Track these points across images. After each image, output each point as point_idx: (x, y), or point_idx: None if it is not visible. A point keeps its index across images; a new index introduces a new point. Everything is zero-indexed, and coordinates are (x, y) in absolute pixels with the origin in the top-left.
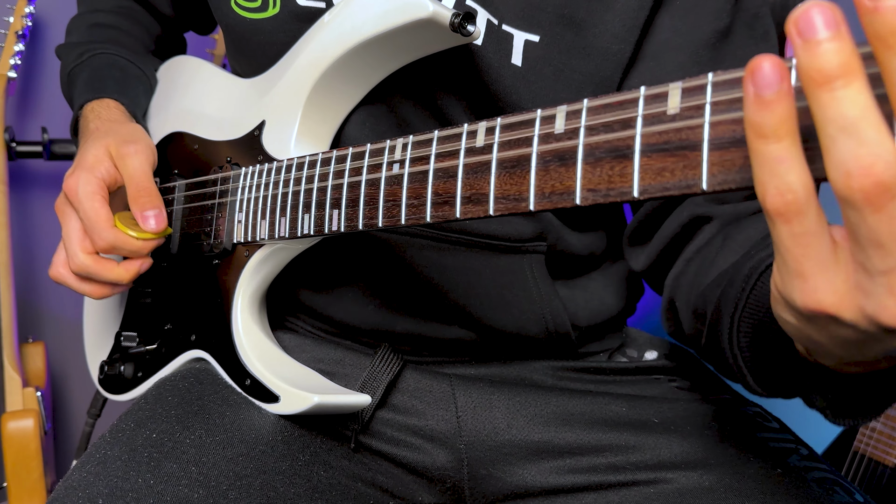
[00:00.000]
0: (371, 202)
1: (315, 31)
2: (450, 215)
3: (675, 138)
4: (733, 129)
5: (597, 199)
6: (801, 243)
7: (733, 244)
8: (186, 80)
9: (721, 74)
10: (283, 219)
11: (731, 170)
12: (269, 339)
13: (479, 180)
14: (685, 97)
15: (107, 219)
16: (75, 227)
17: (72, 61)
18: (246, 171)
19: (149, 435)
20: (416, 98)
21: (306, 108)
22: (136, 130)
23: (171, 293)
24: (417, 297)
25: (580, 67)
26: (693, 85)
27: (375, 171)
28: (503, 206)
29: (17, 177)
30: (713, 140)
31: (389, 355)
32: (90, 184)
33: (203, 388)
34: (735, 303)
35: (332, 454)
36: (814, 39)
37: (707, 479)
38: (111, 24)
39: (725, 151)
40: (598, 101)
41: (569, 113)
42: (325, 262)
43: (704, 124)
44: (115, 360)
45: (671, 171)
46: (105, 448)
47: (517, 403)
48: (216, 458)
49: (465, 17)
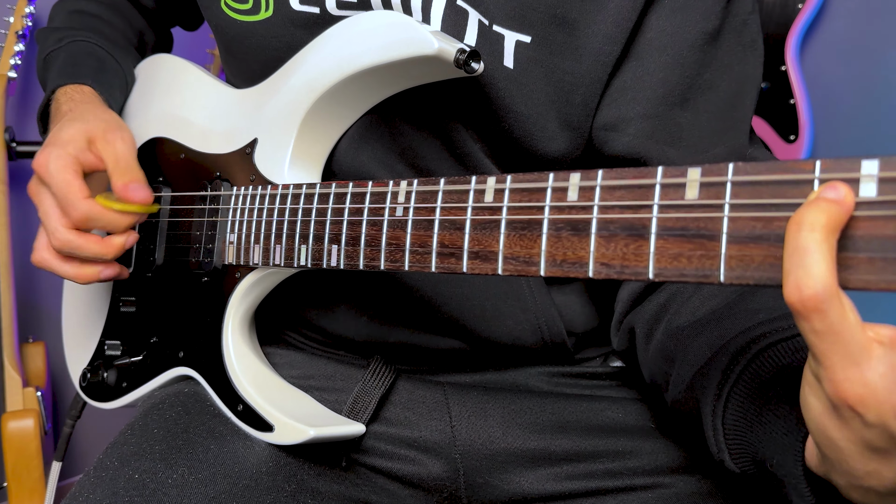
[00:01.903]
0: (372, 243)
1: (313, 50)
2: (456, 269)
3: (693, 225)
4: (753, 225)
5: (610, 274)
6: (823, 340)
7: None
8: (169, 82)
9: (741, 172)
10: (278, 246)
11: (749, 265)
12: (261, 361)
13: (488, 237)
14: (703, 190)
15: (79, 189)
16: (51, 203)
17: (50, 45)
18: (238, 194)
19: (131, 475)
20: (411, 109)
21: (301, 130)
22: (117, 118)
23: (156, 305)
24: (411, 310)
25: (571, 69)
26: (711, 181)
27: (378, 213)
28: (512, 267)
29: (17, 177)
30: (732, 233)
31: (381, 368)
32: (61, 158)
33: (190, 419)
34: (724, 373)
35: (321, 479)
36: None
37: (705, 484)
38: (93, 13)
39: (745, 246)
40: (612, 181)
41: (582, 188)
42: (318, 275)
43: (724, 218)
44: (98, 367)
45: (688, 258)
46: (88, 490)
47: (512, 411)
48: (198, 499)
49: (470, 55)
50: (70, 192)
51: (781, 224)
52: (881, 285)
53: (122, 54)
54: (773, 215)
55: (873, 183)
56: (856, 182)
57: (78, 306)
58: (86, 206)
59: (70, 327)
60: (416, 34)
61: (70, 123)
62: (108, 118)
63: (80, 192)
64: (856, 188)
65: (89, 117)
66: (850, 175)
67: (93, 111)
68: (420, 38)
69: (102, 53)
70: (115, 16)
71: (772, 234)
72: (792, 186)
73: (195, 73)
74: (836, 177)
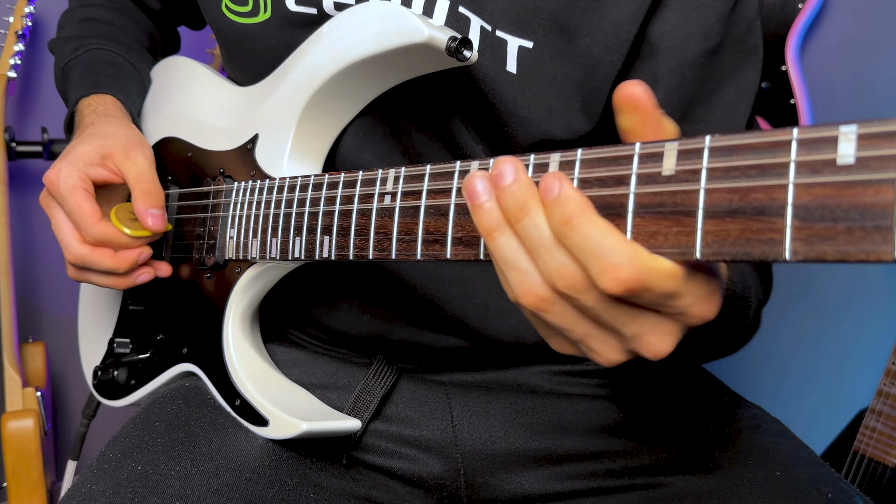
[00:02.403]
0: (362, 233)
1: (310, 45)
2: (440, 255)
3: (670, 201)
4: (729, 199)
5: None
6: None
7: None
8: (181, 83)
9: (718, 139)
10: (274, 240)
11: (726, 240)
12: (262, 357)
13: (471, 222)
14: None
15: (91, 213)
16: (63, 218)
17: (66, 55)
18: (238, 187)
19: (134, 467)
20: (413, 109)
21: (300, 124)
22: (138, 134)
23: (163, 303)
24: (413, 308)
25: (570, 75)
26: (689, 148)
27: (367, 202)
28: None
29: (17, 177)
30: (709, 208)
31: (384, 367)
32: (71, 177)
33: (191, 412)
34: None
35: (323, 474)
36: (476, 202)
37: (706, 483)
38: (104, 20)
39: (721, 221)
40: (592, 154)
41: (562, 163)
42: (320, 273)
43: (700, 191)
44: (109, 365)
45: (664, 235)
46: (90, 482)
47: (513, 411)
48: (201, 491)
49: (461, 43)
50: (83, 217)
51: (758, 196)
52: (860, 256)
53: (137, 58)
54: (750, 185)
55: (852, 146)
56: (834, 144)
57: (92, 306)
58: (98, 230)
59: (85, 327)
60: (407, 22)
61: (88, 139)
62: (129, 134)
63: (93, 215)
64: (833, 153)
65: (109, 132)
66: (829, 134)
67: (115, 126)
68: (411, 25)
69: (119, 59)
70: (126, 20)
71: (748, 206)
72: (769, 150)
73: (204, 73)
74: (814, 136)
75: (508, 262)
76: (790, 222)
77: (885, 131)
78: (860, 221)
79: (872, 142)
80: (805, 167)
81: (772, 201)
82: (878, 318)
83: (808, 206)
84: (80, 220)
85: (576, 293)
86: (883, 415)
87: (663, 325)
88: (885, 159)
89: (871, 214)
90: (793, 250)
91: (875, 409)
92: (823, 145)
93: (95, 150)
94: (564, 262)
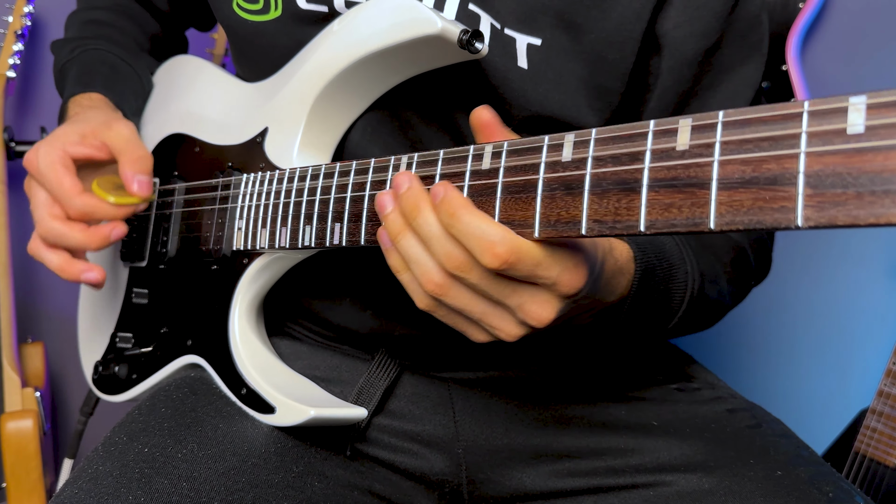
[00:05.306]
0: (374, 218)
1: (321, 39)
2: None
3: (684, 175)
4: (742, 170)
5: (602, 230)
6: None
7: None
8: (188, 81)
9: (732, 114)
10: (283, 229)
11: (739, 210)
12: (267, 348)
13: (484, 203)
14: (695, 133)
15: (72, 186)
16: (42, 195)
17: (64, 56)
18: (247, 178)
19: (140, 449)
20: (421, 104)
21: (310, 117)
22: (120, 116)
23: (167, 296)
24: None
25: (576, 71)
26: (703, 123)
27: (379, 188)
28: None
29: (16, 177)
30: (722, 179)
31: (386, 361)
32: (49, 154)
33: (197, 399)
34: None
35: (328, 464)
36: (384, 213)
37: (707, 482)
38: (106, 22)
39: (734, 192)
40: (606, 133)
41: (577, 142)
42: (324, 267)
43: (714, 163)
44: (110, 360)
45: (678, 208)
46: (97, 463)
47: (515, 407)
48: (208, 473)
49: (473, 35)
50: (63, 191)
51: (770, 167)
52: (870, 220)
53: (135, 59)
54: (763, 156)
55: (861, 116)
56: (843, 115)
57: (94, 303)
58: (81, 201)
59: (85, 325)
60: (419, 14)
61: (67, 124)
62: (110, 115)
63: (74, 187)
64: (843, 122)
65: (91, 117)
66: (839, 105)
67: (97, 113)
68: (424, 17)
69: (114, 59)
70: (128, 22)
71: (761, 177)
72: (781, 122)
73: (212, 70)
74: (824, 108)
75: (411, 258)
76: (802, 190)
77: (894, 101)
78: (870, 187)
79: (881, 111)
80: (816, 137)
81: (784, 171)
82: (878, 319)
83: (819, 174)
84: (61, 194)
85: (463, 273)
86: (884, 415)
87: (541, 295)
88: (894, 127)
89: (880, 180)
90: (805, 216)
91: (876, 409)
92: (834, 116)
93: (74, 129)
94: (451, 248)
